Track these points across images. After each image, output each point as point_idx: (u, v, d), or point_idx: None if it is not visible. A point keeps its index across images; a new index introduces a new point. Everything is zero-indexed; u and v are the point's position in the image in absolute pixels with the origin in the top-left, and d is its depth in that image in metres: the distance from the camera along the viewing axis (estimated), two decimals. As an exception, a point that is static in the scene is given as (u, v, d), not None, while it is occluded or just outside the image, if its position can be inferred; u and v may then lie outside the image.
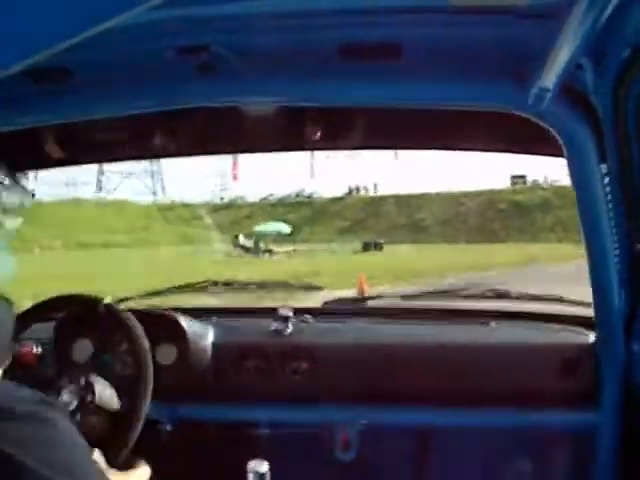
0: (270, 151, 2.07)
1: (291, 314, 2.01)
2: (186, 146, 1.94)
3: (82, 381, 1.46)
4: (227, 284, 2.36)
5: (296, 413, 1.98)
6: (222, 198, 51.73)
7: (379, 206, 42.59)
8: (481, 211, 38.33)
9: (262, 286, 2.62)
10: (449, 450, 2.07)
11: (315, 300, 2.42)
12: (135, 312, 1.80)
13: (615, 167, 1.48)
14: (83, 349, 1.87)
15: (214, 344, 1.99)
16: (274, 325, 2.01)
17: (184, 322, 1.97)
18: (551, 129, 1.45)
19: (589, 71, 1.32)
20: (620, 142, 1.42)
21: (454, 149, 1.87)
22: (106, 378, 1.53)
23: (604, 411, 1.79)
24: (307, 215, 43.24)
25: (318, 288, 2.49)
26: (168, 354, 1.92)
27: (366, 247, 30.98)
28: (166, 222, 44.27)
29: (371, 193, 46.17)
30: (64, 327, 1.94)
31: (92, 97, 1.51)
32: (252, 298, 2.93)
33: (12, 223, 1.16)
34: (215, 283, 2.34)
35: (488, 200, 39.02)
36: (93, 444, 1.35)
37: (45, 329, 1.96)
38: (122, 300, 2.14)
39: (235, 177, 38.43)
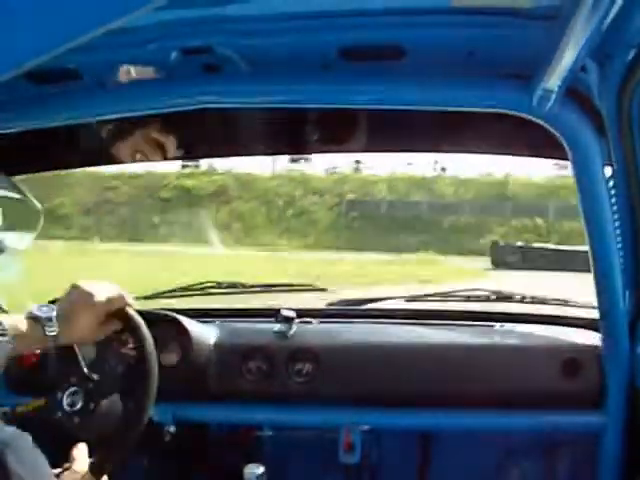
0: (271, 154, 2.08)
1: (294, 315, 2.01)
2: (187, 149, 1.94)
3: (85, 383, 1.45)
4: (230, 286, 2.36)
5: (299, 415, 1.97)
6: None
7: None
8: (137, 199, 29.87)
9: (265, 288, 2.62)
10: (454, 452, 2.06)
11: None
12: (138, 313, 1.80)
13: (620, 169, 1.47)
14: (86, 350, 1.87)
15: (217, 345, 1.98)
16: (277, 326, 2.00)
17: (187, 323, 1.96)
18: (555, 132, 1.44)
19: (593, 73, 1.31)
20: (625, 144, 1.41)
21: (456, 152, 1.87)
22: (110, 379, 1.52)
23: (609, 413, 1.79)
24: None
25: (321, 289, 2.49)
26: (171, 355, 1.92)
27: None
28: None
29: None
30: None
31: (97, 98, 1.51)
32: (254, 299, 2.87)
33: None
34: (218, 285, 2.34)
35: (148, 185, 30.46)
36: (95, 445, 1.35)
37: None
38: None
39: None
